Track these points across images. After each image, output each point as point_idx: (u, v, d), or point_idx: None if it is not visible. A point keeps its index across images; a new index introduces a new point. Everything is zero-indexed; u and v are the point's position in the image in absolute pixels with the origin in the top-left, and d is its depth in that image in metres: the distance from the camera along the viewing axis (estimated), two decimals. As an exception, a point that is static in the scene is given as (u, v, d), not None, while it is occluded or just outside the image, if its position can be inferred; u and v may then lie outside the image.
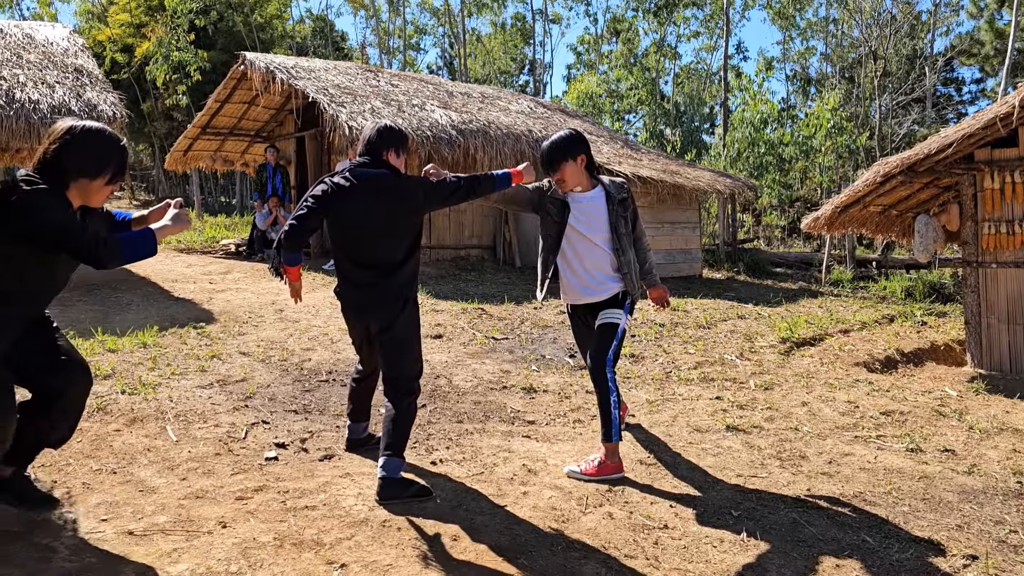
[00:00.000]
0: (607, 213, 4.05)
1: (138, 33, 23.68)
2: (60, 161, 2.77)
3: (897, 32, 20.82)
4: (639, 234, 4.26)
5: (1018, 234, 7.03)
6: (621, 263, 4.04)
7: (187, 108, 21.07)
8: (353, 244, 3.63)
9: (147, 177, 30.24)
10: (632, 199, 4.24)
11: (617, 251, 4.05)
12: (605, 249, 4.05)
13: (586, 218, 4.05)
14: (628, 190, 4.22)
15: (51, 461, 3.75)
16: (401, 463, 3.55)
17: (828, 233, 9.70)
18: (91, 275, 9.36)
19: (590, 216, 4.05)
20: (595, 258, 4.06)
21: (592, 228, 4.05)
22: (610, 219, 4.05)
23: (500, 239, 13.02)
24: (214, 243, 13.55)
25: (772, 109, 18.80)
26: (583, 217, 4.05)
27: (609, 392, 3.89)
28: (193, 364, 5.59)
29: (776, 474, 4.17)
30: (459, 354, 6.56)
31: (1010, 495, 4.01)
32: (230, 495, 3.46)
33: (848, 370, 6.92)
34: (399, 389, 3.63)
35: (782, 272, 17.41)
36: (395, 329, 3.62)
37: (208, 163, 14.96)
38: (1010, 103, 6.48)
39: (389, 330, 3.63)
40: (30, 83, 8.56)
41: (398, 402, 3.61)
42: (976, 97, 34.15)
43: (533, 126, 13.06)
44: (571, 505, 3.57)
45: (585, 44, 35.91)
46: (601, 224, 4.05)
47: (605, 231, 4.05)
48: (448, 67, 41.02)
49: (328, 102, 10.90)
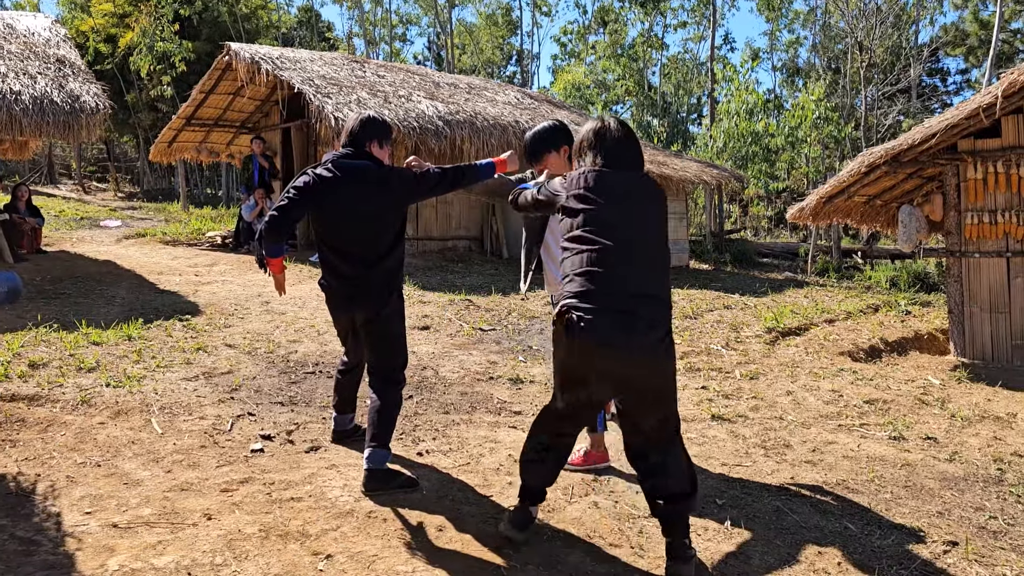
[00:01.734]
0: None
1: (122, 23, 23.42)
2: None
3: (882, 23, 20.87)
4: None
5: (1000, 224, 7.09)
6: None
7: (172, 99, 20.90)
8: (336, 236, 3.62)
9: (132, 169, 29.97)
10: None
11: None
12: None
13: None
14: None
15: (35, 454, 3.74)
16: (387, 454, 3.55)
17: (813, 223, 9.75)
18: (76, 267, 9.30)
19: None
20: None
21: None
22: None
23: (487, 230, 13.01)
24: (200, 235, 13.47)
25: (758, 99, 18.84)
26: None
27: None
28: (178, 356, 5.57)
29: (760, 463, 4.20)
30: (446, 345, 6.56)
31: (990, 482, 4.06)
32: (215, 487, 3.45)
33: (833, 359, 6.97)
34: (384, 380, 3.63)
35: (768, 262, 17.50)
36: (380, 321, 3.62)
37: (193, 154, 14.85)
38: (993, 93, 6.53)
39: (374, 321, 3.62)
40: (11, 74, 8.47)
41: (383, 393, 3.61)
42: (961, 87, 34.36)
43: (520, 117, 13.03)
44: (556, 495, 3.58)
45: (569, 35, 35.78)
46: None
47: None
48: (435, 58, 40.85)
49: (314, 93, 10.84)
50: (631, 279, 2.76)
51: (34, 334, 5.85)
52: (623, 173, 2.97)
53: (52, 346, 5.58)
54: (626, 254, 2.78)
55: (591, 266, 2.76)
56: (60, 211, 16.37)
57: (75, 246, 11.64)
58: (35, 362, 5.12)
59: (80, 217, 15.97)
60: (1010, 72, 6.60)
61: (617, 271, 2.76)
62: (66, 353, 5.40)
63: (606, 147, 3.01)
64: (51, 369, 5.04)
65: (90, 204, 19.54)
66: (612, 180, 2.92)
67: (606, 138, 3.03)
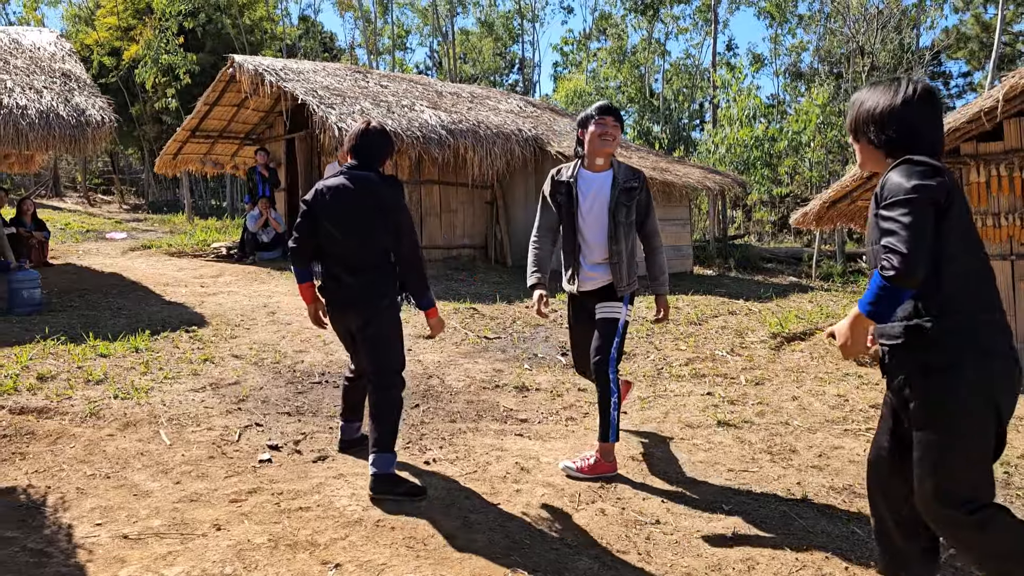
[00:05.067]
0: (609, 197, 3.93)
1: (126, 36, 23.56)
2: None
3: (884, 27, 20.90)
4: (648, 232, 4.07)
5: (1004, 227, 7.08)
6: (611, 252, 3.93)
7: (176, 111, 20.99)
8: (330, 242, 3.71)
9: (137, 181, 30.10)
10: (645, 190, 4.04)
11: (610, 239, 3.92)
12: (600, 235, 3.94)
13: (588, 200, 3.96)
14: (642, 179, 4.03)
15: (45, 467, 3.76)
16: (391, 458, 3.60)
17: (817, 228, 9.75)
18: (83, 280, 9.34)
19: (593, 198, 3.95)
20: (591, 244, 3.98)
21: (591, 210, 3.95)
22: (610, 204, 3.92)
23: (492, 239, 13.04)
24: (205, 246, 13.52)
25: (759, 105, 18.85)
26: (584, 199, 3.96)
27: (611, 393, 3.86)
28: (186, 368, 5.60)
29: (767, 468, 4.21)
30: (451, 354, 6.58)
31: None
32: (224, 497, 3.47)
33: (838, 364, 6.96)
34: (379, 384, 3.69)
35: (773, 267, 17.49)
36: (372, 327, 3.68)
37: (198, 166, 14.90)
38: (994, 97, 6.54)
39: (367, 327, 3.68)
40: (17, 88, 8.53)
41: (380, 397, 3.66)
42: (964, 91, 34.37)
43: (523, 125, 13.08)
44: (564, 502, 3.60)
45: (571, 45, 35.94)
46: (602, 208, 3.93)
47: (604, 215, 3.93)
48: (437, 67, 40.99)
49: (317, 104, 10.89)
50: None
51: (42, 347, 5.88)
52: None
53: (60, 358, 5.61)
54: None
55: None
56: (66, 224, 16.45)
57: (81, 258, 11.70)
58: (43, 375, 5.15)
59: (86, 230, 16.04)
60: (1012, 75, 6.60)
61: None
62: (74, 365, 5.44)
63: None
64: (59, 381, 5.07)
65: (96, 216, 19.63)
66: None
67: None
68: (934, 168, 2.27)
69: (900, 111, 2.42)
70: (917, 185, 2.22)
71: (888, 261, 2.16)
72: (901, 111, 2.42)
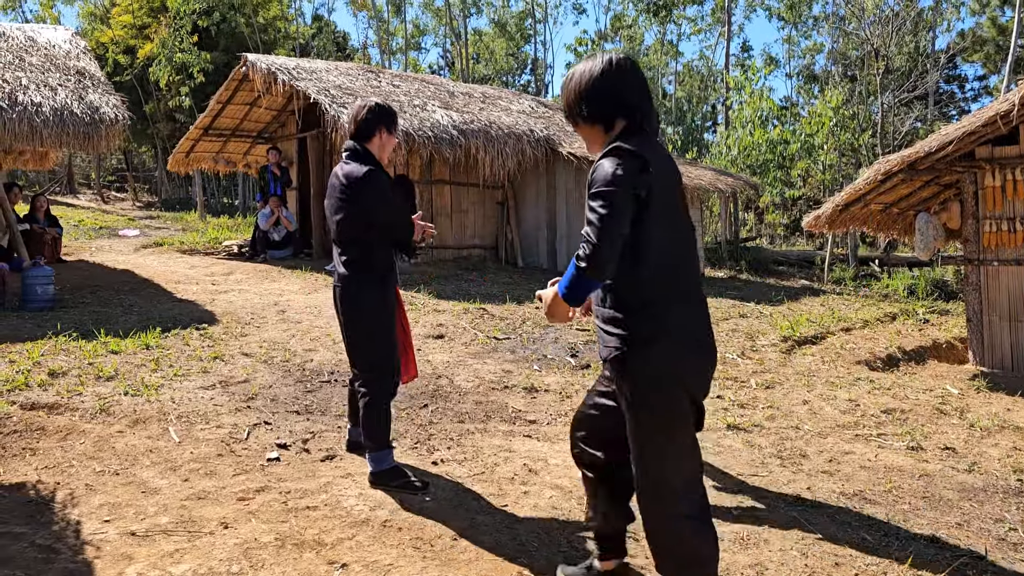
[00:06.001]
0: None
1: (141, 35, 23.72)
2: None
3: (899, 29, 20.76)
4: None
5: (1019, 231, 7.02)
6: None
7: (190, 109, 21.10)
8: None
9: (150, 179, 30.28)
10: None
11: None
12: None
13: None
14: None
15: (55, 463, 3.78)
16: (384, 455, 3.65)
17: (829, 231, 9.70)
18: (95, 276, 9.39)
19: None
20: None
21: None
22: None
23: (502, 239, 13.04)
24: (217, 244, 13.57)
25: (772, 107, 18.76)
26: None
27: None
28: (196, 365, 5.62)
29: (776, 473, 4.18)
30: (460, 354, 6.57)
31: (1010, 493, 4.02)
32: (232, 496, 3.48)
33: (849, 368, 6.92)
34: (356, 380, 3.74)
35: (784, 270, 17.41)
36: (347, 323, 3.70)
37: (210, 164, 14.96)
38: (1010, 101, 6.48)
39: (344, 323, 3.72)
40: (32, 86, 8.58)
41: (362, 393, 3.68)
42: (979, 94, 34.09)
43: (535, 125, 13.06)
44: (571, 504, 3.58)
45: (584, 45, 35.89)
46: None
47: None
48: (450, 67, 41.03)
49: (330, 103, 10.91)
50: None
51: (53, 343, 5.91)
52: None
53: (71, 355, 5.64)
54: None
55: None
56: (80, 221, 16.57)
57: (94, 255, 11.77)
58: (55, 371, 5.18)
59: (99, 227, 16.15)
60: (1028, 79, 6.55)
61: None
62: (85, 362, 5.46)
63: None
64: (70, 378, 5.09)
65: (109, 214, 19.75)
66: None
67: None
68: (639, 159, 2.30)
69: (600, 81, 2.46)
70: (618, 176, 2.26)
71: (583, 251, 2.24)
72: (601, 81, 2.46)
